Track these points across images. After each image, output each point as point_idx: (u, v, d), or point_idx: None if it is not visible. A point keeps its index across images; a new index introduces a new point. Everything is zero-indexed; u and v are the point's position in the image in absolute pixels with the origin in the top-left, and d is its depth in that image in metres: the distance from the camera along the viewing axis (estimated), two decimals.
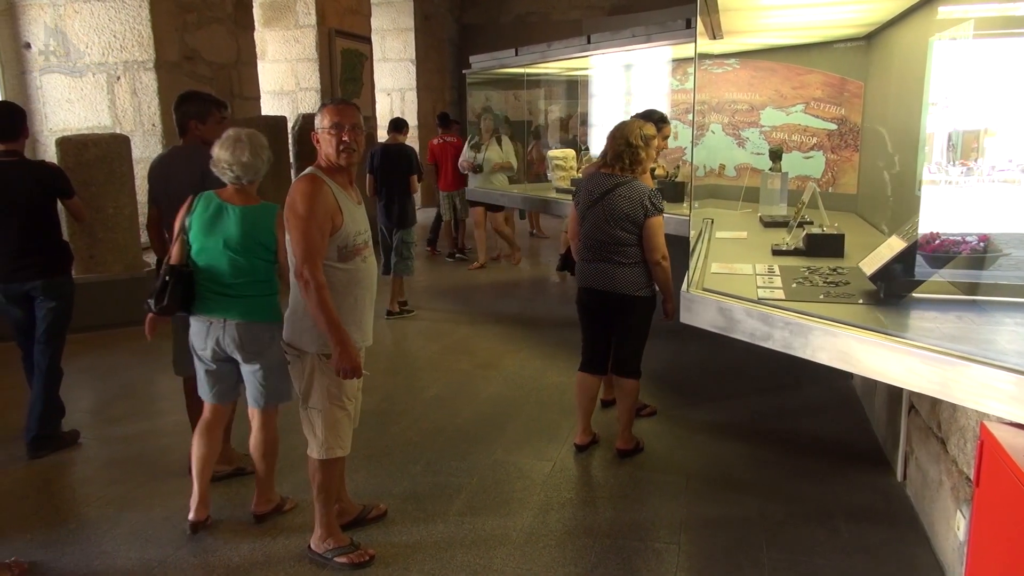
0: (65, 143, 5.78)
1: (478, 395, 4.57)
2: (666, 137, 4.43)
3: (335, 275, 2.64)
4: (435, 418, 4.21)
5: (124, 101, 7.02)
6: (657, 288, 3.61)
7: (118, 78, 7.01)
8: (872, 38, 3.71)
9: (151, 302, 2.96)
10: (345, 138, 2.63)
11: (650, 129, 3.60)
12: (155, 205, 3.58)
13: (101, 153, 5.83)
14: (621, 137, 3.54)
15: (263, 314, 2.97)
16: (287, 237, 2.65)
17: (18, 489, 3.48)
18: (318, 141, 2.68)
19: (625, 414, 3.71)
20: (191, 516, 3.06)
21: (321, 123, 2.66)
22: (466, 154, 8.10)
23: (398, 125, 7.03)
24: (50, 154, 6.04)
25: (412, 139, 9.27)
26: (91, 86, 7.03)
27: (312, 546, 2.86)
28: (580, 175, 5.43)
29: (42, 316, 3.79)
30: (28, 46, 7.02)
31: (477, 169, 7.82)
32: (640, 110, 4.34)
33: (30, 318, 3.80)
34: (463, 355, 5.35)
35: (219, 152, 2.90)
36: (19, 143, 3.75)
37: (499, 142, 7.96)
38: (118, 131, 6.77)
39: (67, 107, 7.02)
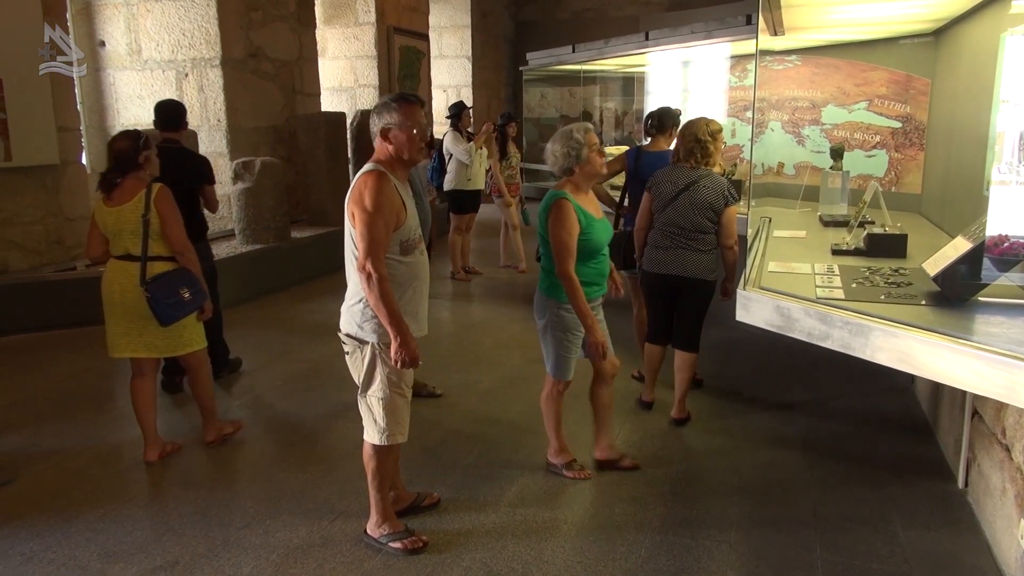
0: None
1: (530, 389, 4.60)
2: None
3: (398, 268, 2.71)
4: (488, 411, 4.26)
5: (191, 97, 7.26)
6: (725, 270, 3.93)
7: (186, 75, 7.26)
8: (941, 34, 3.61)
9: None
10: (422, 139, 2.76)
11: (716, 125, 3.89)
12: None
13: None
14: (690, 135, 3.85)
15: (542, 285, 3.39)
16: (352, 230, 2.69)
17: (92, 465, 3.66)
18: (390, 137, 2.71)
19: (683, 385, 4.04)
20: None
21: (402, 121, 2.69)
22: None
23: None
24: None
25: None
26: (160, 82, 7.29)
27: (368, 531, 2.94)
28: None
29: None
30: (103, 44, 7.31)
31: None
32: (679, 109, 4.45)
33: None
34: (516, 349, 5.39)
35: None
36: (179, 133, 4.49)
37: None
38: None
39: (138, 103, 7.30)
